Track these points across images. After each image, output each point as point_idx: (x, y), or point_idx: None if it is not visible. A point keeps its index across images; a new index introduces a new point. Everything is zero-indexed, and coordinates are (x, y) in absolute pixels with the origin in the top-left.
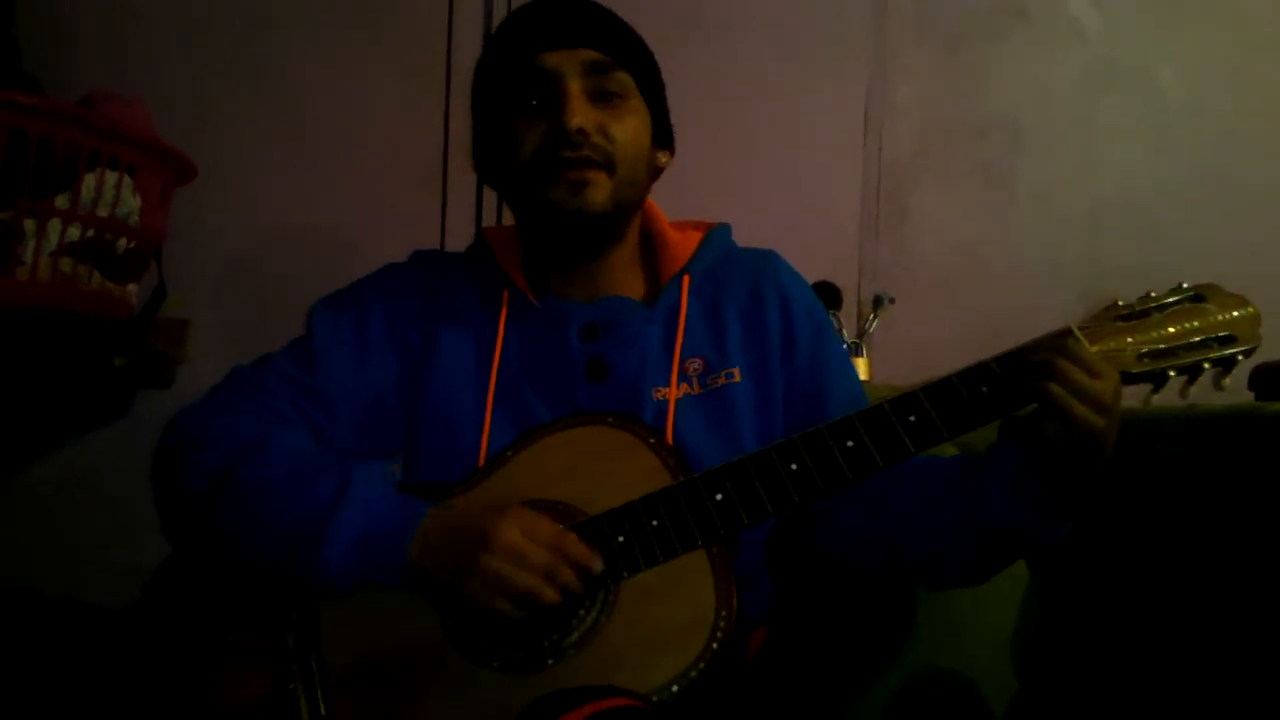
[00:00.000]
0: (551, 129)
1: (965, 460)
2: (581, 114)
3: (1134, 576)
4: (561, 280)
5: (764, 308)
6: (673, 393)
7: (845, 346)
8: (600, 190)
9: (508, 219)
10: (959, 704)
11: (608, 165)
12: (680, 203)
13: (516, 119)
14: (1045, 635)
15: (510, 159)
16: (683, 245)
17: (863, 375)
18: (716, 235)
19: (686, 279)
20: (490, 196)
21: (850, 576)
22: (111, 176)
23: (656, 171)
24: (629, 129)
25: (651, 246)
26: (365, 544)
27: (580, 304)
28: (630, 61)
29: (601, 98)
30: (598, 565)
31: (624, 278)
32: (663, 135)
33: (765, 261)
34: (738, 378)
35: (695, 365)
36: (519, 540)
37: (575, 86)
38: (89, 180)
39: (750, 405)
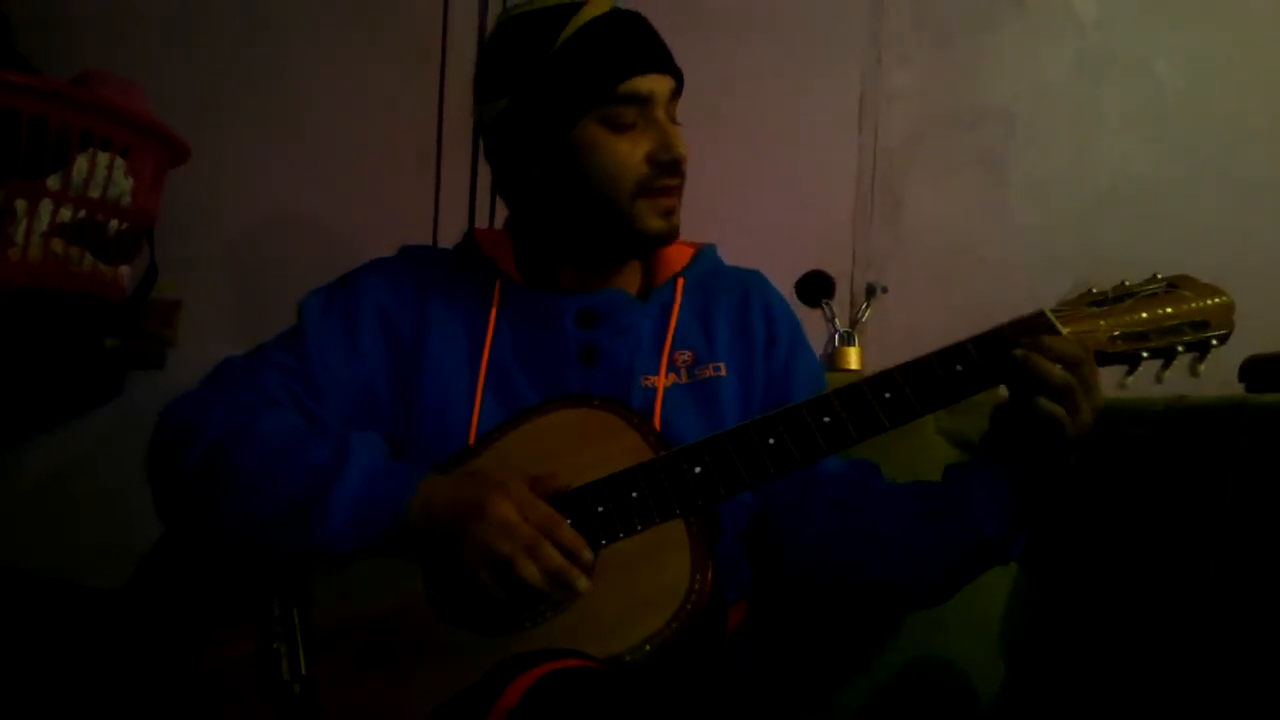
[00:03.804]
0: (656, 155)
1: (942, 480)
2: (683, 144)
3: (1122, 566)
4: (559, 275)
5: (750, 314)
6: (661, 381)
7: (837, 335)
8: (678, 213)
9: (501, 207)
10: (946, 692)
11: (681, 188)
12: None
13: (612, 138)
14: (1033, 623)
15: (601, 179)
16: (677, 255)
17: (854, 364)
18: (708, 252)
19: (681, 281)
20: (484, 185)
21: (819, 592)
22: (104, 157)
23: None
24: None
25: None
26: (365, 504)
27: (575, 294)
28: (683, 89)
29: (673, 123)
30: (587, 554)
31: (618, 272)
32: None
33: (752, 277)
34: (724, 372)
35: (684, 357)
36: (511, 515)
37: (664, 113)
38: (81, 161)
39: (734, 399)
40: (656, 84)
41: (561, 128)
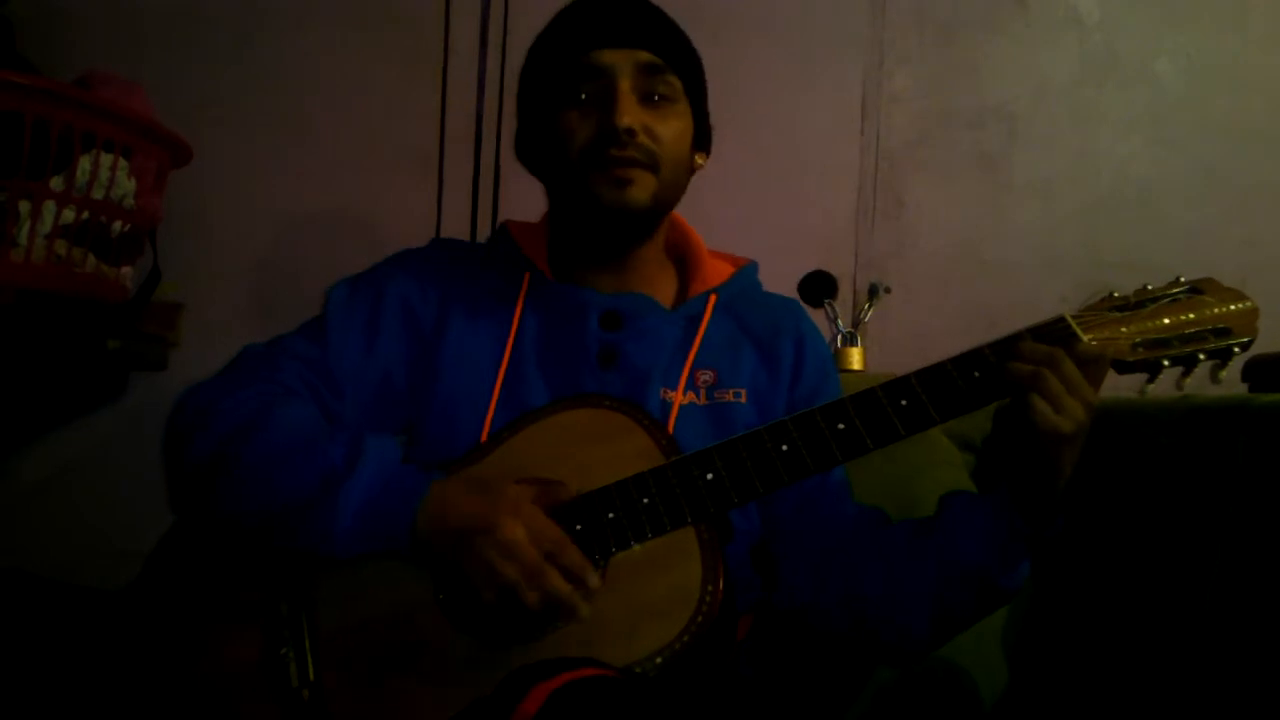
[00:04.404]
0: (601, 125)
1: (923, 519)
2: (631, 114)
3: (1124, 567)
4: (587, 272)
5: (780, 344)
6: (679, 397)
7: (839, 335)
8: (643, 189)
9: (503, 210)
10: (949, 693)
11: (652, 165)
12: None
13: (566, 112)
14: (1036, 625)
15: (558, 150)
16: (715, 270)
17: (857, 365)
18: (748, 271)
19: (714, 297)
20: (486, 187)
21: (807, 627)
22: (106, 159)
23: (691, 173)
24: (674, 131)
25: (685, 262)
26: (374, 507)
27: (603, 294)
28: (681, 65)
29: (650, 99)
30: (593, 579)
31: (650, 279)
32: (702, 139)
33: (789, 306)
34: (744, 399)
35: (705, 377)
36: (519, 537)
37: (626, 85)
38: (84, 162)
39: (749, 429)
40: (615, 58)
41: (536, 109)
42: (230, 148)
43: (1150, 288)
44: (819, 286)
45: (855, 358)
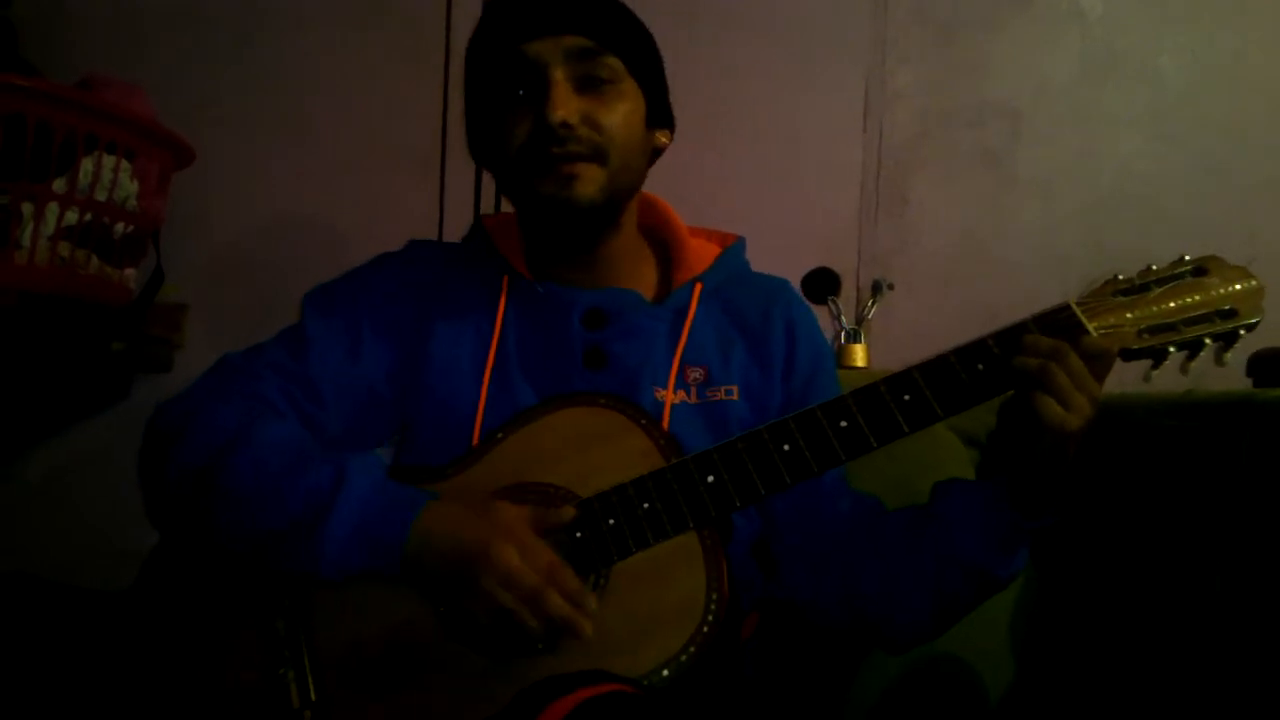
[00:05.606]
0: (537, 122)
1: (924, 506)
2: (564, 106)
3: (1129, 563)
4: (563, 268)
5: (771, 333)
6: (669, 396)
7: (843, 332)
8: (590, 182)
9: (507, 207)
10: (955, 688)
11: (597, 156)
12: (680, 191)
13: (504, 111)
14: (1043, 619)
15: (500, 151)
16: (699, 254)
17: (860, 361)
18: (734, 252)
19: (699, 286)
20: (489, 185)
21: (806, 623)
22: (109, 160)
23: (655, 152)
24: (618, 115)
25: (666, 248)
26: (361, 540)
27: (584, 291)
28: (619, 44)
29: (589, 84)
30: (591, 603)
31: (628, 270)
32: (660, 115)
33: (779, 289)
34: (736, 396)
35: (696, 374)
36: (514, 565)
37: (559, 75)
38: (87, 164)
39: (744, 426)
40: (544, 48)
41: (478, 109)
42: (231, 148)
43: (1154, 268)
44: (822, 283)
45: (859, 354)
